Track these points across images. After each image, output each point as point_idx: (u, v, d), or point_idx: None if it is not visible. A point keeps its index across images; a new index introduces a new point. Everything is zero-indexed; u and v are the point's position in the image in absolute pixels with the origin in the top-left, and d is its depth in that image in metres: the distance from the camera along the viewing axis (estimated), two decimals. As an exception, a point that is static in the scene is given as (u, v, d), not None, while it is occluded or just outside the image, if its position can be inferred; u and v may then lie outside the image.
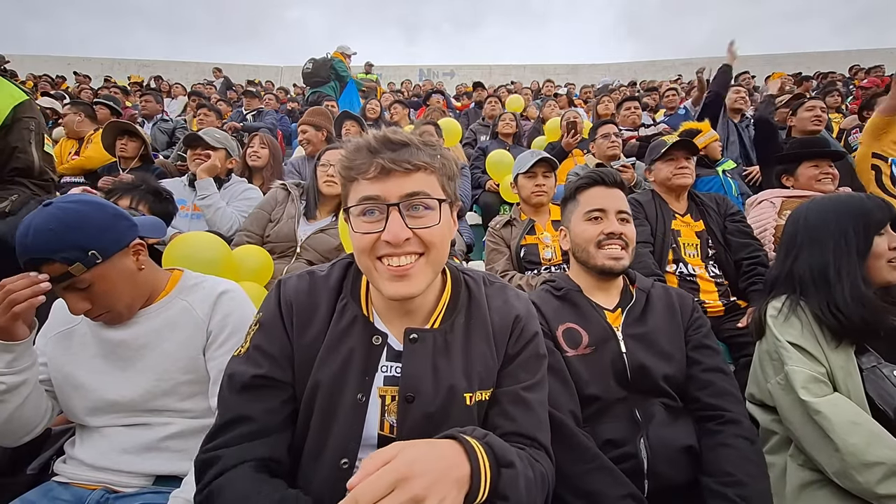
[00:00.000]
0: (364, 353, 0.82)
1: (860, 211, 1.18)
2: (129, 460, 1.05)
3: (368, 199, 0.75)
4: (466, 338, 0.85)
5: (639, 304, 1.26)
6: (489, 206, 3.72)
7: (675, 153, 2.11)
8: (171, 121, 5.15)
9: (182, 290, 1.16)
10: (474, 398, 0.81)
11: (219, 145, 2.57)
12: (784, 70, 10.09)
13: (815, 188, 2.14)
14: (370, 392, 0.81)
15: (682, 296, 1.31)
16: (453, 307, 0.87)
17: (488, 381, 0.84)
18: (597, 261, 1.25)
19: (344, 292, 0.87)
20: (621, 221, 1.29)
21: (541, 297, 1.28)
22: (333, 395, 0.80)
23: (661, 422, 1.09)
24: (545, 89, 8.10)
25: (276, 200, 2.24)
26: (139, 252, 1.10)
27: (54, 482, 1.06)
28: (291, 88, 10.81)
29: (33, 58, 13.55)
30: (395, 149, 0.76)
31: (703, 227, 2.05)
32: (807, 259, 1.20)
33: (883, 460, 0.97)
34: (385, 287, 0.76)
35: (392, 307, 0.85)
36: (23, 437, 1.08)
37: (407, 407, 0.79)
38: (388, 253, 0.75)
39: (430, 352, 0.82)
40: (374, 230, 0.75)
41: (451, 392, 0.79)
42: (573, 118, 3.89)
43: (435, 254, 0.78)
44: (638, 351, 1.16)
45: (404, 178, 0.75)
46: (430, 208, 0.77)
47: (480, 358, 0.84)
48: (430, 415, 0.79)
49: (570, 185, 1.40)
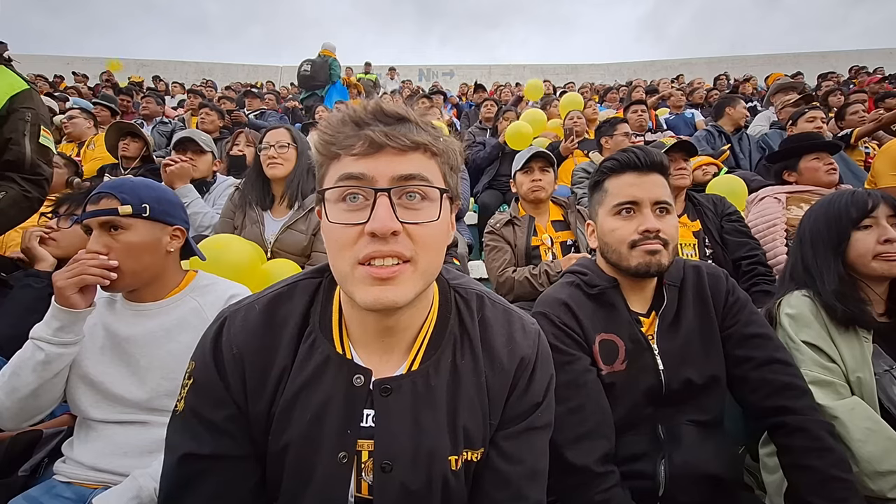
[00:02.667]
0: (343, 402, 0.65)
1: (835, 207, 1.19)
2: (130, 463, 1.05)
3: (351, 178, 0.59)
4: (454, 382, 0.68)
5: (671, 305, 1.08)
6: (488, 205, 3.72)
7: (673, 155, 2.12)
8: (170, 123, 5.14)
9: (195, 290, 1.18)
10: (461, 460, 0.66)
11: (207, 148, 2.60)
12: (784, 70, 10.10)
13: (824, 180, 2.14)
14: (353, 449, 0.65)
15: (714, 276, 1.11)
16: (438, 339, 0.69)
17: (478, 440, 0.68)
18: (630, 262, 1.03)
19: (311, 324, 0.68)
20: (659, 214, 1.03)
21: (573, 297, 1.08)
22: (307, 457, 0.64)
23: (689, 444, 0.97)
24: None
25: (235, 204, 2.07)
26: (175, 237, 1.17)
27: (56, 480, 1.06)
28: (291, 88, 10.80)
29: (31, 57, 13.51)
30: (390, 122, 0.61)
31: (699, 227, 2.06)
32: (798, 256, 1.24)
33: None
34: (362, 293, 0.58)
35: (369, 329, 0.67)
36: (26, 420, 1.09)
37: (383, 477, 0.64)
38: (371, 253, 0.57)
39: (408, 405, 0.65)
40: (356, 220, 0.58)
41: (432, 458, 0.64)
42: (573, 121, 3.91)
43: (426, 261, 0.61)
44: (675, 366, 1.01)
45: (399, 157, 0.59)
46: (429, 199, 0.61)
47: (469, 409, 0.67)
48: (411, 492, 0.64)
49: (595, 171, 1.16)
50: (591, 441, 0.95)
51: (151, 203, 1.11)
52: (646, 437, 1.00)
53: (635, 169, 1.05)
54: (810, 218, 1.25)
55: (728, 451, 1.03)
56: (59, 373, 1.06)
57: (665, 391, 1.01)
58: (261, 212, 2.01)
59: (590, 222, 1.19)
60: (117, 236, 1.08)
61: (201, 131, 2.82)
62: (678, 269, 1.11)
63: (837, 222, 1.17)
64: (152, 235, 1.12)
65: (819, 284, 1.14)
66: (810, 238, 1.21)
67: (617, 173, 1.09)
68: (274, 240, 1.94)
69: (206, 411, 0.65)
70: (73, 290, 1.02)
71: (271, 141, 2.00)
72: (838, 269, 1.13)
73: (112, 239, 1.08)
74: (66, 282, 1.02)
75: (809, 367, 1.08)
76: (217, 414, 0.65)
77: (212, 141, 2.72)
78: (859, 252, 1.13)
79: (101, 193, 1.08)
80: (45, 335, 1.03)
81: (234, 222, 2.04)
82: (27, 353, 1.04)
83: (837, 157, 2.91)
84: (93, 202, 1.08)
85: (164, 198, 1.17)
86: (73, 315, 1.04)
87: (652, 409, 1.02)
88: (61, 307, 1.03)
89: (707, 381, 1.02)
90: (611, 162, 1.10)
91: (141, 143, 3.00)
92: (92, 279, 1.03)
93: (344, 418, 0.65)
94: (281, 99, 7.74)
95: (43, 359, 1.03)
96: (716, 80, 8.82)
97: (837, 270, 1.13)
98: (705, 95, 6.78)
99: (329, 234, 0.61)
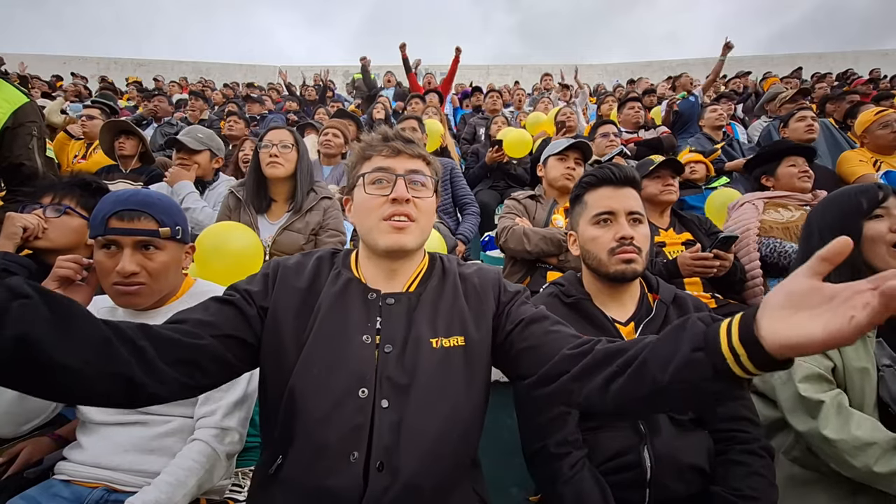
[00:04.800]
0: (361, 307, 0.91)
1: (843, 198, 1.20)
2: (130, 460, 1.06)
3: (381, 170, 0.94)
4: (437, 296, 0.95)
5: (657, 319, 1.15)
6: (487, 204, 3.73)
7: (661, 171, 2.19)
8: (175, 124, 5.10)
9: (193, 296, 1.20)
10: (440, 342, 0.89)
11: (201, 147, 2.52)
12: (780, 70, 10.14)
13: (797, 185, 2.20)
14: (374, 336, 0.88)
15: (699, 309, 1.21)
16: (428, 276, 0.99)
17: (455, 330, 0.92)
18: (609, 268, 1.16)
19: (336, 265, 0.99)
20: (633, 223, 1.18)
21: (548, 304, 1.19)
22: (340, 342, 0.87)
23: (669, 434, 1.04)
24: (544, 83, 8.01)
25: (230, 209, 2.04)
26: (188, 254, 1.24)
27: (55, 479, 1.07)
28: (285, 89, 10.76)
29: (29, 56, 13.47)
30: (405, 140, 0.98)
31: (688, 237, 2.12)
32: (806, 250, 1.23)
33: (876, 440, 0.98)
34: (384, 239, 0.90)
35: (380, 270, 0.96)
36: (21, 425, 1.10)
37: (385, 356, 0.87)
38: (392, 212, 0.90)
39: (403, 311, 0.91)
40: (383, 193, 0.92)
41: (417, 342, 0.88)
42: (566, 116, 3.91)
43: (424, 221, 0.95)
44: None
45: (409, 159, 0.96)
46: (426, 186, 0.97)
47: (448, 310, 0.93)
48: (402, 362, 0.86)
49: (576, 186, 1.31)
50: (552, 426, 1.03)
51: (182, 225, 1.18)
52: (627, 431, 1.05)
53: (611, 183, 1.21)
54: (818, 213, 1.25)
55: (707, 447, 1.06)
56: None
57: None
58: (255, 215, 1.99)
59: (571, 232, 1.31)
60: (151, 256, 1.10)
61: (198, 128, 2.76)
62: (669, 291, 1.23)
63: (850, 213, 1.17)
64: (177, 255, 1.17)
65: (834, 276, 1.13)
66: (819, 231, 1.20)
67: (595, 187, 1.23)
68: (272, 242, 1.94)
69: (236, 286, 0.92)
70: (53, 287, 1.04)
71: (273, 140, 1.98)
72: (852, 260, 1.09)
73: (145, 258, 1.10)
74: (48, 279, 1.05)
75: (808, 366, 1.09)
76: (242, 286, 0.91)
77: (210, 136, 2.63)
78: (873, 241, 1.13)
79: (136, 212, 1.09)
80: None
81: None
82: None
83: (825, 130, 2.96)
84: (124, 219, 1.08)
85: (183, 219, 1.22)
86: None
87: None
88: None
89: None
90: (589, 177, 1.25)
91: (136, 141, 2.95)
92: (63, 272, 1.06)
93: (365, 318, 0.90)
94: (279, 98, 7.73)
95: None
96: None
97: (852, 262, 1.09)
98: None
99: (363, 201, 0.94)
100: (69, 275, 1.07)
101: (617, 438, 1.05)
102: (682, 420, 1.08)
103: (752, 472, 1.00)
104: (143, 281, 1.09)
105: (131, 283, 1.08)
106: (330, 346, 0.86)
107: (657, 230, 2.13)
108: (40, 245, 1.42)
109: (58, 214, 1.44)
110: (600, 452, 1.04)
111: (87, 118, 3.72)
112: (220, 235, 1.70)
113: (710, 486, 1.01)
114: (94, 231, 1.09)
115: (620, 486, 1.00)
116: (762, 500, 0.96)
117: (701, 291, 1.92)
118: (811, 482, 1.12)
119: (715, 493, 0.99)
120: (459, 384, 0.87)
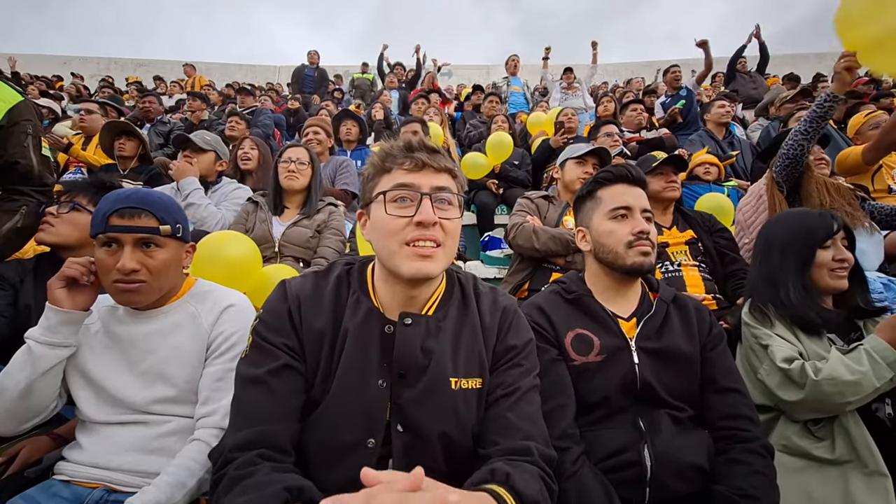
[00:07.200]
0: (380, 344, 0.87)
1: (804, 229, 1.36)
2: (131, 460, 1.06)
3: (404, 186, 0.84)
4: (457, 327, 0.91)
5: (657, 316, 1.19)
6: (487, 205, 3.73)
7: (664, 168, 2.17)
8: (169, 123, 5.12)
9: (194, 296, 1.20)
10: (459, 384, 0.86)
11: (208, 147, 2.60)
12: (779, 71, 10.13)
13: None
14: (388, 381, 0.86)
15: (700, 310, 1.24)
16: (447, 299, 0.94)
17: (474, 371, 0.89)
18: (626, 260, 1.17)
19: (352, 288, 0.93)
20: (646, 220, 1.22)
21: (549, 301, 1.22)
22: (357, 383, 0.84)
23: (669, 433, 1.05)
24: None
25: (248, 213, 2.35)
26: (189, 253, 1.23)
27: (55, 479, 1.07)
28: (285, 88, 10.77)
29: (28, 56, 13.46)
30: (430, 152, 0.87)
31: (691, 236, 2.10)
32: (762, 267, 1.40)
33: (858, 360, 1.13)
34: (407, 266, 0.82)
35: (397, 296, 0.90)
36: (22, 424, 1.09)
37: (399, 383, 0.85)
38: (416, 237, 0.82)
39: (421, 335, 0.87)
40: (406, 214, 0.83)
41: (438, 380, 0.84)
42: (567, 117, 3.92)
43: (451, 244, 0.87)
44: (651, 367, 1.11)
45: (435, 174, 0.86)
46: (452, 204, 0.87)
47: (468, 347, 0.90)
48: (415, 399, 0.84)
49: (587, 183, 1.33)
50: (551, 417, 1.02)
51: (183, 223, 1.18)
52: (628, 429, 1.06)
53: (626, 181, 1.25)
54: (779, 232, 1.40)
55: (707, 446, 1.07)
56: (46, 373, 1.05)
57: (640, 386, 1.09)
58: (270, 215, 2.30)
59: (581, 228, 1.32)
60: (152, 254, 1.10)
61: (205, 132, 2.80)
62: (669, 292, 1.26)
63: (809, 241, 1.33)
64: (177, 253, 1.17)
65: (780, 292, 1.31)
66: (780, 251, 1.36)
67: (611, 183, 1.26)
68: (281, 235, 2.22)
69: (270, 336, 0.86)
70: (58, 286, 1.06)
71: (292, 157, 2.32)
72: (804, 281, 1.31)
73: (146, 256, 1.10)
74: (54, 278, 1.07)
75: (777, 343, 1.23)
76: (278, 339, 0.86)
77: (217, 141, 2.69)
78: (820, 266, 1.32)
79: (137, 209, 1.09)
80: (35, 333, 1.06)
81: (247, 225, 2.29)
82: (20, 352, 1.06)
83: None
84: (125, 216, 1.07)
85: (184, 216, 1.22)
86: (60, 315, 1.05)
87: (628, 401, 1.10)
88: (49, 304, 1.06)
89: (687, 392, 1.12)
90: (605, 174, 1.28)
91: (137, 142, 2.97)
92: (71, 272, 1.07)
93: (381, 356, 0.86)
94: (278, 98, 7.71)
95: (31, 357, 1.04)
96: (713, 77, 8.82)
97: (804, 283, 1.31)
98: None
99: (382, 223, 0.85)
100: (76, 276, 1.07)
101: (617, 436, 1.06)
102: (682, 419, 1.09)
103: (753, 472, 1.00)
104: (143, 279, 1.09)
105: (132, 281, 1.08)
106: (344, 396, 0.84)
107: (660, 229, 2.11)
108: (49, 240, 1.50)
109: (67, 210, 1.51)
110: (600, 449, 1.05)
111: (85, 112, 3.73)
112: (216, 244, 1.70)
113: (712, 486, 1.02)
114: (95, 229, 1.09)
115: (620, 484, 1.00)
116: (764, 500, 0.97)
117: (703, 293, 1.92)
118: (802, 469, 1.17)
119: (717, 493, 1.00)
120: (467, 431, 0.86)
